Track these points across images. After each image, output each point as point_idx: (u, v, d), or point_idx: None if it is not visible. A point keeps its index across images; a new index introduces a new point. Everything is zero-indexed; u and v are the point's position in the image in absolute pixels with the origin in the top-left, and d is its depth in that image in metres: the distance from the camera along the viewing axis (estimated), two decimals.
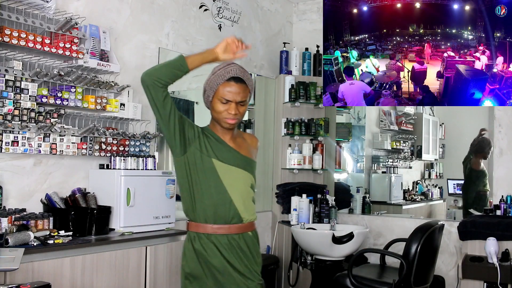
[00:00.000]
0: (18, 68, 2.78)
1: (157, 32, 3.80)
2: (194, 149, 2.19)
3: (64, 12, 3.03)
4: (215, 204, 2.21)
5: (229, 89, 2.19)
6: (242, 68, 2.25)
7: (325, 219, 4.54)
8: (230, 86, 2.19)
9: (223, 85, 2.19)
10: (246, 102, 2.23)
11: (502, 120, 4.25)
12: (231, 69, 2.20)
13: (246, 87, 2.22)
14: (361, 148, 5.74)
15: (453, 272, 4.23)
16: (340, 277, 3.71)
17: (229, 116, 2.21)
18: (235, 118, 2.22)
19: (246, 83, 2.22)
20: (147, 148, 3.46)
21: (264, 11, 4.95)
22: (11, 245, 2.40)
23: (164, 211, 3.26)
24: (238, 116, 2.22)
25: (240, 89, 2.20)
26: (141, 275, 2.97)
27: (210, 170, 2.20)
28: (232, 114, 2.20)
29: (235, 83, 2.19)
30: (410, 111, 6.48)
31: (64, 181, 3.12)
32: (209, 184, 2.19)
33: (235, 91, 2.19)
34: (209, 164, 2.20)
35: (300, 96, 4.80)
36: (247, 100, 2.23)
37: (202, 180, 2.19)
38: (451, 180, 6.28)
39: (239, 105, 2.21)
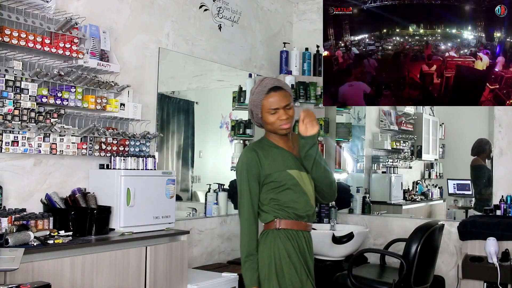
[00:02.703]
0: (18, 68, 2.78)
1: (157, 32, 3.80)
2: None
3: (64, 12, 3.03)
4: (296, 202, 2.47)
5: (272, 99, 2.34)
6: (275, 78, 2.47)
7: (325, 219, 4.54)
8: (272, 96, 2.34)
9: (266, 98, 2.35)
10: (291, 105, 2.37)
11: (502, 120, 4.25)
12: (266, 83, 2.37)
13: (286, 91, 2.37)
14: (361, 148, 5.73)
15: (453, 272, 4.23)
16: (340, 277, 3.71)
17: (282, 122, 2.35)
18: (288, 122, 2.36)
19: (284, 88, 2.37)
20: (147, 148, 3.46)
21: (264, 11, 4.95)
22: (11, 245, 2.40)
23: (164, 211, 3.26)
24: (290, 119, 2.36)
25: (281, 95, 2.34)
26: (141, 275, 2.97)
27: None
28: (284, 119, 2.34)
29: (274, 92, 2.34)
30: (410, 111, 6.47)
31: (64, 181, 3.12)
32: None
33: (278, 99, 2.34)
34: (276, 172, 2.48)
35: (300, 96, 4.80)
36: (291, 103, 2.37)
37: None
38: (451, 180, 6.27)
39: (286, 109, 2.35)
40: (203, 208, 4.28)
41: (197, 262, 4.04)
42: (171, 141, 4.33)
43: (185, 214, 4.13)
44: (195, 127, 4.64)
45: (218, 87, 4.87)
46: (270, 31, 5.02)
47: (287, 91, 2.38)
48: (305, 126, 2.28)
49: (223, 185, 4.38)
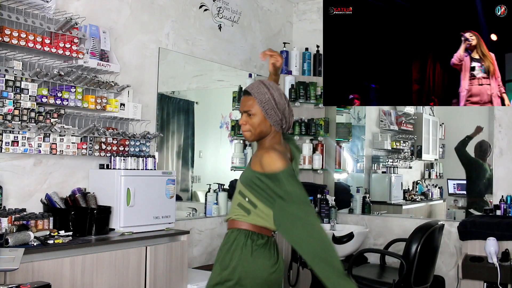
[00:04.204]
0: (18, 68, 2.78)
1: (157, 32, 3.80)
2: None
3: (64, 12, 3.03)
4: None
5: (241, 102, 2.29)
6: (258, 81, 2.29)
7: (325, 219, 4.54)
8: (242, 99, 2.28)
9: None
10: (253, 112, 2.21)
11: (502, 120, 4.25)
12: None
13: (250, 97, 2.23)
14: (361, 148, 5.73)
15: (453, 272, 4.24)
16: None
17: (241, 127, 2.28)
18: (245, 129, 2.26)
19: (251, 94, 2.23)
20: (147, 148, 3.46)
21: (264, 11, 4.95)
22: (11, 245, 2.40)
23: (164, 211, 3.26)
24: (248, 126, 2.24)
25: (244, 100, 2.25)
26: (141, 275, 2.97)
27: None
28: (240, 123, 2.28)
29: (243, 96, 2.28)
30: (410, 111, 6.48)
31: (64, 181, 3.12)
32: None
33: (242, 102, 2.27)
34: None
35: (300, 96, 4.81)
36: (251, 110, 2.21)
37: None
38: (451, 180, 6.27)
39: (248, 115, 2.23)
40: (203, 208, 4.28)
41: (197, 262, 4.04)
42: (171, 141, 4.33)
43: (185, 214, 4.13)
44: (195, 127, 4.64)
45: (218, 87, 4.87)
46: (270, 31, 5.02)
47: (254, 97, 2.21)
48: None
49: (223, 185, 4.37)
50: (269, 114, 2.21)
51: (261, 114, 2.21)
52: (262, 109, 2.21)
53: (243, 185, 2.25)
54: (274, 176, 2.10)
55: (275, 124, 2.23)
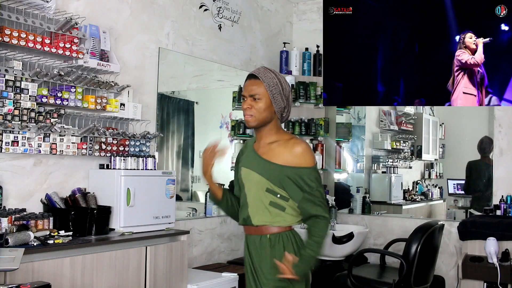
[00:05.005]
0: (18, 68, 2.78)
1: (157, 32, 3.80)
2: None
3: (64, 12, 3.03)
4: (240, 205, 2.32)
5: (244, 86, 2.21)
6: (263, 67, 2.23)
7: None
8: (245, 84, 2.21)
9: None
10: (259, 97, 2.14)
11: (502, 120, 4.25)
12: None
13: (257, 81, 2.16)
14: (361, 148, 5.73)
15: (453, 272, 4.23)
16: (340, 277, 3.72)
17: (245, 112, 2.18)
18: (249, 114, 2.16)
19: (259, 77, 2.16)
20: (147, 148, 3.46)
21: (264, 11, 4.95)
22: (11, 245, 2.40)
23: (164, 211, 3.26)
24: (252, 111, 2.15)
25: (250, 83, 2.18)
26: (141, 275, 2.97)
27: (236, 173, 2.35)
28: (244, 108, 2.17)
29: (249, 80, 2.20)
30: (410, 111, 6.47)
31: (64, 181, 3.12)
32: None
33: (247, 86, 2.19)
34: (236, 168, 2.36)
35: (300, 96, 4.81)
36: (258, 94, 2.14)
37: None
38: (451, 180, 6.27)
39: (253, 99, 2.16)
40: (203, 208, 4.28)
41: (197, 262, 4.04)
42: (171, 141, 4.33)
43: (185, 214, 4.13)
44: (195, 127, 4.63)
45: (218, 87, 4.87)
46: (270, 31, 5.02)
47: (262, 80, 2.14)
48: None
49: (223, 185, 4.35)
50: (276, 99, 2.15)
51: (267, 99, 2.15)
52: (270, 93, 2.14)
53: (270, 182, 2.16)
54: (308, 170, 2.15)
55: (279, 111, 2.18)
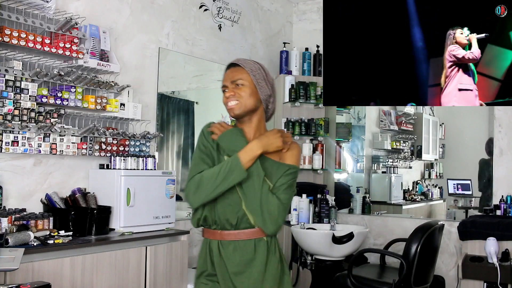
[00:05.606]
0: (18, 68, 2.78)
1: (157, 32, 3.80)
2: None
3: (64, 12, 3.03)
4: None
5: (224, 77, 2.08)
6: (242, 58, 2.13)
7: (325, 219, 4.54)
8: (225, 74, 2.08)
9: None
10: (242, 82, 2.00)
11: (502, 120, 4.25)
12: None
13: (239, 67, 2.03)
14: (361, 148, 5.73)
15: (453, 272, 4.23)
16: (340, 277, 3.71)
17: (227, 100, 2.01)
18: (232, 99, 2.00)
19: (240, 65, 2.03)
20: (147, 148, 3.46)
21: (264, 11, 4.95)
22: (11, 245, 2.40)
23: (164, 211, 3.26)
24: (237, 98, 1.99)
25: (232, 71, 2.05)
26: (141, 275, 2.97)
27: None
28: (227, 96, 2.01)
29: (228, 69, 2.09)
30: (410, 111, 6.47)
31: (64, 181, 3.12)
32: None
33: (228, 75, 2.06)
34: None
35: (300, 96, 4.80)
36: (240, 80, 2.00)
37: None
38: (451, 180, 6.27)
39: (236, 86, 2.01)
40: None
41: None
42: (171, 141, 4.33)
43: (185, 214, 4.13)
44: (195, 127, 4.63)
45: (218, 87, 4.83)
46: (270, 31, 5.02)
47: (243, 66, 2.02)
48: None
49: None
50: (260, 85, 2.02)
51: (251, 84, 2.01)
52: (253, 78, 2.01)
53: (273, 182, 2.01)
54: (297, 171, 2.04)
55: (264, 98, 2.04)
